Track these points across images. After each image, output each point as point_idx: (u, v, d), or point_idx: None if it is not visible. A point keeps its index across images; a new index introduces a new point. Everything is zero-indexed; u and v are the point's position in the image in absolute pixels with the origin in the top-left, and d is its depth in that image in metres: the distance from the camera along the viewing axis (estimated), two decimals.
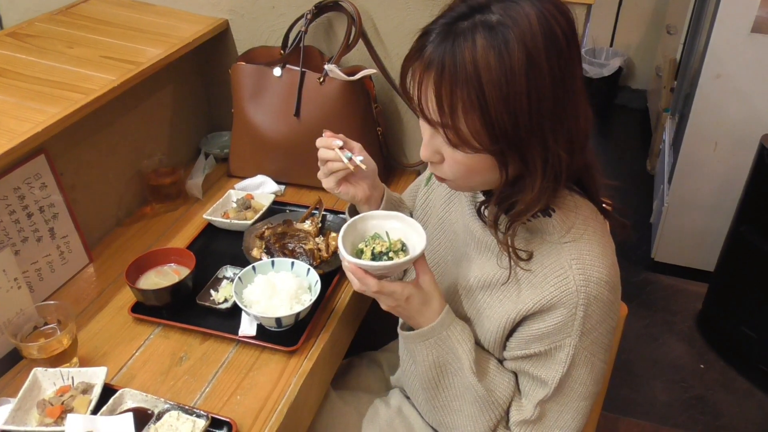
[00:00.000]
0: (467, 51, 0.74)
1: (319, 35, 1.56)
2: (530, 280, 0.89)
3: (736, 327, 2.19)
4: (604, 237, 0.90)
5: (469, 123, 0.77)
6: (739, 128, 2.27)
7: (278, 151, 1.52)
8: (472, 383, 0.93)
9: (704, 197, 2.44)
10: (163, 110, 1.57)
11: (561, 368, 0.88)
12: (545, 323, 0.87)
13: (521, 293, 0.90)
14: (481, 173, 0.84)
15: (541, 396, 0.91)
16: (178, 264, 1.23)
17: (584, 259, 0.86)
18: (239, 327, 1.13)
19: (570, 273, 0.85)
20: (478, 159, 0.81)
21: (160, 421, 0.95)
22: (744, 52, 2.14)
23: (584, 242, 0.87)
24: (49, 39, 1.42)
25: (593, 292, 0.85)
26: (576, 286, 0.84)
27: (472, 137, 0.78)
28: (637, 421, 2.01)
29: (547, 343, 0.88)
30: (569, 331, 0.86)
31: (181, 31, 1.52)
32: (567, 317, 0.85)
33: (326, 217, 1.40)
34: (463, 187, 0.91)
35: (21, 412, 0.96)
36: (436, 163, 0.87)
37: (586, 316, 0.85)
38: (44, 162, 1.20)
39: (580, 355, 0.88)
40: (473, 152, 0.80)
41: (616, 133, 3.86)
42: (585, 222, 0.89)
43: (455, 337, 0.93)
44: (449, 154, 0.84)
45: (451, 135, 0.79)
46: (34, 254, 1.20)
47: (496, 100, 0.74)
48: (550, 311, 0.87)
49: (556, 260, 0.87)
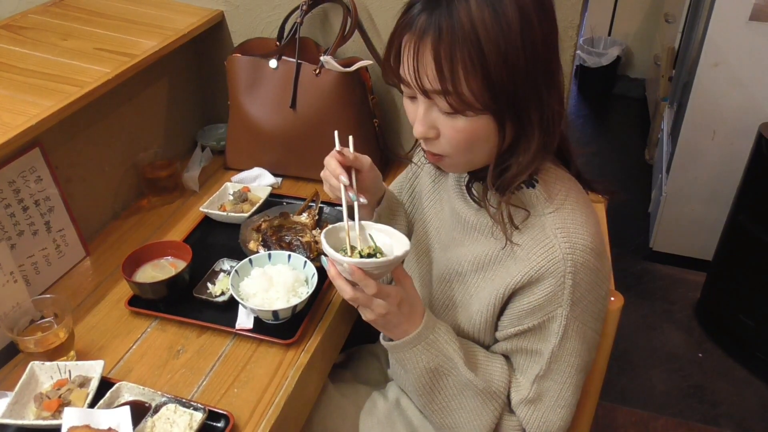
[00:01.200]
0: (462, 11, 0.75)
1: (314, 26, 1.55)
2: (516, 254, 0.89)
3: (735, 316, 2.20)
4: (586, 206, 0.91)
5: (470, 84, 0.77)
6: (737, 117, 2.26)
7: (275, 143, 1.51)
8: (470, 379, 0.92)
9: (702, 186, 2.44)
10: (159, 102, 1.56)
11: (554, 339, 0.89)
12: (535, 295, 0.88)
13: (509, 269, 0.90)
14: (481, 141, 0.83)
15: (536, 371, 0.92)
16: (174, 257, 1.23)
17: (568, 227, 0.86)
18: (236, 320, 1.13)
19: (555, 242, 0.86)
20: (479, 124, 0.81)
21: (158, 414, 0.95)
22: (742, 41, 2.13)
23: (567, 211, 0.88)
24: (43, 31, 1.41)
25: (580, 260, 0.85)
26: (562, 254, 0.85)
27: (474, 99, 0.78)
28: (635, 410, 2.02)
29: (538, 316, 0.88)
30: (560, 300, 0.86)
31: (176, 23, 1.51)
32: (556, 287, 0.86)
33: (323, 209, 1.40)
34: (459, 162, 0.89)
35: (18, 405, 0.96)
36: (432, 139, 0.86)
37: (575, 285, 0.86)
38: (39, 155, 1.20)
39: (572, 325, 0.88)
40: (475, 115, 0.80)
41: (614, 123, 3.85)
42: (567, 192, 0.90)
43: (442, 338, 0.93)
44: (448, 124, 0.83)
45: (453, 100, 0.79)
46: (31, 248, 1.19)
47: (495, 57, 0.76)
48: (538, 282, 0.87)
49: (540, 231, 0.87)
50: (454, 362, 0.92)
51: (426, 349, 0.92)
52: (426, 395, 0.96)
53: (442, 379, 0.94)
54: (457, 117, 0.81)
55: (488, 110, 0.80)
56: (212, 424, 0.96)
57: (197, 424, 0.93)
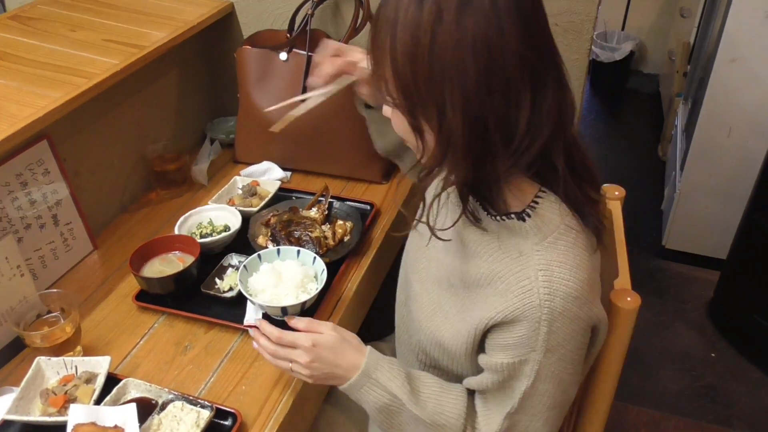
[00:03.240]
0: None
1: (325, 18, 1.53)
2: (496, 286, 0.84)
3: (748, 315, 2.17)
4: (584, 249, 0.84)
5: (387, 73, 0.76)
6: (754, 114, 2.22)
7: (284, 136, 1.49)
8: (417, 414, 0.90)
9: (717, 184, 2.40)
10: (168, 95, 1.55)
11: (527, 381, 0.84)
12: (510, 334, 0.83)
13: (488, 299, 0.85)
14: (406, 135, 0.83)
15: (508, 408, 0.88)
16: (182, 252, 1.22)
17: (552, 270, 0.80)
18: (244, 316, 1.12)
19: (534, 285, 0.80)
20: (398, 117, 0.81)
21: (164, 412, 0.94)
22: (760, 36, 2.10)
23: (557, 253, 0.81)
24: (52, 22, 1.40)
25: (558, 308, 0.79)
26: (539, 300, 0.79)
27: (387, 89, 0.78)
28: (647, 410, 2.00)
29: (511, 355, 0.84)
30: (533, 345, 0.82)
31: (186, 14, 1.49)
32: (530, 332, 0.81)
33: (333, 204, 1.38)
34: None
35: (24, 401, 0.95)
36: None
37: (551, 332, 0.80)
38: (47, 148, 1.18)
39: (546, 371, 0.83)
40: (392, 106, 0.80)
41: (627, 119, 3.81)
42: (566, 231, 0.82)
43: (385, 375, 0.91)
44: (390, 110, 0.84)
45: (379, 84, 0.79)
46: (38, 241, 1.18)
47: (402, 49, 0.73)
48: (513, 323, 0.82)
49: (522, 269, 0.82)
50: (400, 399, 0.90)
51: (372, 389, 0.91)
52: (386, 427, 0.95)
53: (394, 416, 0.92)
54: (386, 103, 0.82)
55: (396, 105, 0.78)
56: (219, 422, 0.94)
57: (204, 422, 0.92)
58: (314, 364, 0.91)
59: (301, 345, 0.92)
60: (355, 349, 0.93)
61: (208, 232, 1.28)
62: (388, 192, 1.48)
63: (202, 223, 1.31)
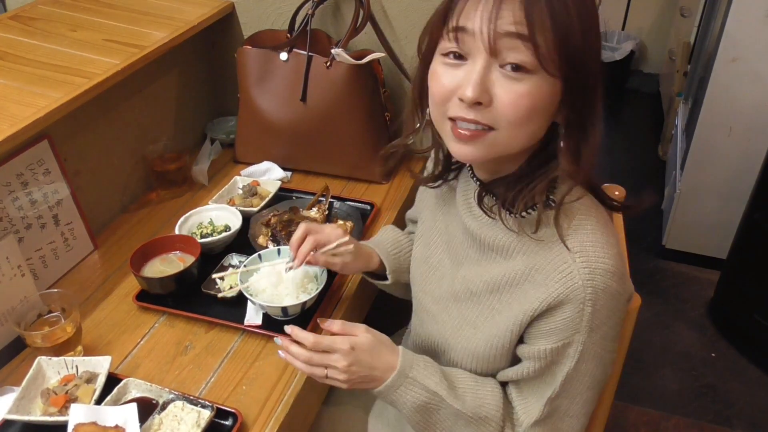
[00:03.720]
0: None
1: (326, 18, 1.53)
2: (535, 279, 0.85)
3: (748, 315, 2.16)
4: (606, 226, 0.86)
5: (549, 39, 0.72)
6: (754, 113, 2.22)
7: (285, 136, 1.50)
8: (458, 409, 0.90)
9: (717, 184, 2.40)
10: (168, 95, 1.55)
11: (569, 363, 0.85)
12: (554, 319, 0.84)
13: (527, 294, 0.86)
14: (540, 112, 0.77)
15: (549, 393, 0.89)
16: (183, 252, 1.22)
17: (587, 251, 0.82)
18: (245, 316, 1.12)
19: (573, 267, 0.81)
20: (543, 90, 0.75)
21: (165, 412, 0.94)
22: (761, 36, 2.09)
23: (586, 233, 0.83)
24: (52, 22, 1.40)
25: (600, 285, 0.81)
26: (582, 280, 0.80)
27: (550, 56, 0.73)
28: (647, 410, 2.00)
29: (555, 339, 0.85)
30: (577, 327, 0.83)
31: (186, 14, 1.49)
32: (575, 313, 0.82)
33: (333, 204, 1.38)
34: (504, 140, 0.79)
35: (25, 401, 0.95)
36: (484, 107, 0.77)
37: (595, 311, 0.82)
38: (47, 148, 1.19)
39: (589, 351, 0.85)
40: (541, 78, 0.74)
41: (627, 118, 3.80)
42: (587, 212, 0.85)
43: (422, 373, 0.90)
44: (508, 88, 0.75)
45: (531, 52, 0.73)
46: (38, 241, 1.18)
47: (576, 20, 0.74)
48: (557, 308, 0.83)
49: (558, 255, 0.83)
50: (440, 395, 0.90)
51: (409, 388, 0.90)
52: (422, 427, 0.94)
53: (432, 414, 0.92)
54: (521, 81, 0.74)
55: (561, 75, 0.75)
56: (220, 422, 0.94)
57: (205, 422, 0.92)
58: (352, 367, 0.89)
59: (339, 349, 0.88)
60: (389, 349, 0.92)
61: (208, 232, 1.28)
62: (388, 192, 1.49)
63: (202, 223, 1.31)
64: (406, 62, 1.52)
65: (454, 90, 0.78)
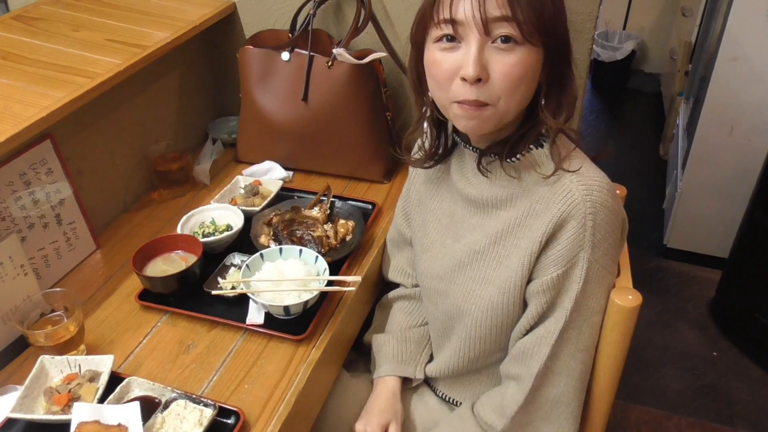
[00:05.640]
0: None
1: (327, 18, 1.53)
2: (536, 210, 0.92)
3: (750, 314, 2.17)
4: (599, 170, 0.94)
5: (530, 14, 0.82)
6: (755, 112, 2.22)
7: (286, 136, 1.50)
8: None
9: (719, 183, 2.40)
10: (170, 95, 1.55)
11: (576, 286, 0.90)
12: (559, 243, 0.90)
13: (531, 226, 0.92)
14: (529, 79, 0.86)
15: (560, 325, 0.92)
16: (185, 251, 1.22)
17: (582, 172, 0.90)
18: (247, 315, 1.12)
19: (572, 186, 0.89)
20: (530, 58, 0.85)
21: (167, 410, 0.94)
22: (762, 35, 2.10)
23: (578, 162, 0.91)
24: (55, 22, 1.41)
25: (598, 200, 0.88)
26: (581, 196, 0.87)
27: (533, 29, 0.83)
28: (649, 409, 2.00)
29: (562, 263, 0.90)
30: (581, 243, 0.88)
31: (188, 14, 1.49)
32: (578, 229, 0.88)
33: (335, 203, 1.38)
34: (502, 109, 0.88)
35: (28, 399, 0.95)
36: (482, 83, 0.85)
37: (596, 225, 0.88)
38: (50, 147, 1.19)
39: (593, 268, 0.90)
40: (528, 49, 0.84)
41: (628, 118, 3.81)
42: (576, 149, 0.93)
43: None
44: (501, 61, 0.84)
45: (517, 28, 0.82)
46: (41, 240, 1.19)
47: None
48: (561, 229, 0.89)
49: (556, 182, 0.90)
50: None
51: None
52: None
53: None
54: (511, 52, 0.84)
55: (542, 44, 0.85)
56: (222, 420, 0.95)
57: (207, 420, 0.92)
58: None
59: None
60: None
61: (210, 232, 1.28)
62: (390, 191, 1.49)
63: (204, 222, 1.32)
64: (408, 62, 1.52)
65: (455, 71, 0.86)
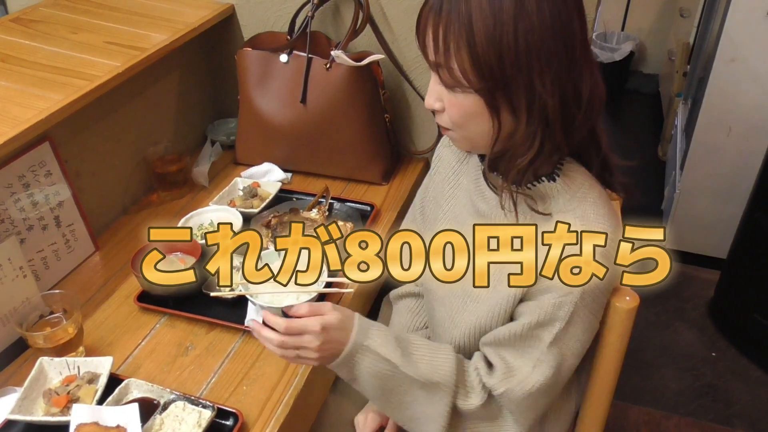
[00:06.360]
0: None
1: (326, 20, 1.53)
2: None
3: (749, 315, 2.17)
4: (607, 201, 0.92)
5: (461, 60, 0.80)
6: (753, 113, 2.23)
7: (285, 138, 1.50)
8: (410, 375, 0.92)
9: (717, 184, 2.40)
10: (169, 97, 1.55)
11: (559, 325, 0.88)
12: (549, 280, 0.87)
13: None
14: (473, 119, 0.85)
15: (537, 354, 0.91)
16: (184, 253, 1.22)
17: (589, 216, 0.87)
18: (245, 317, 1.12)
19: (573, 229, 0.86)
20: (469, 101, 0.83)
21: (166, 412, 0.94)
22: (760, 36, 2.10)
23: (589, 204, 0.89)
24: (53, 24, 1.41)
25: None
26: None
27: (462, 76, 0.81)
28: (648, 410, 2.00)
29: (548, 298, 0.88)
30: (570, 288, 0.86)
31: (187, 17, 1.50)
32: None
33: (333, 205, 1.39)
34: (463, 138, 0.90)
35: (27, 401, 0.96)
36: (439, 112, 0.89)
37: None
38: (49, 149, 1.19)
39: (580, 312, 0.88)
40: (463, 92, 0.83)
41: (627, 119, 3.81)
42: (590, 187, 0.91)
43: (376, 341, 0.92)
44: (448, 98, 0.86)
45: (445, 74, 0.83)
46: (40, 243, 1.19)
47: (484, 37, 0.78)
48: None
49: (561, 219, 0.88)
50: (393, 363, 0.92)
51: (364, 357, 0.92)
52: (380, 398, 0.96)
53: (388, 381, 0.93)
54: (455, 91, 0.84)
55: (475, 89, 0.82)
56: (221, 422, 0.95)
57: (206, 422, 0.92)
58: (324, 346, 0.90)
59: (311, 330, 0.90)
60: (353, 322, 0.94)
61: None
62: (388, 193, 1.49)
63: (203, 224, 1.32)
64: (406, 64, 1.52)
65: None
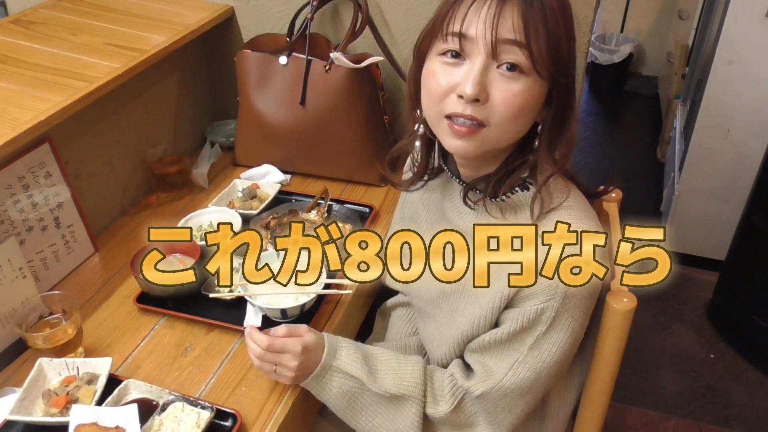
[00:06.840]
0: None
1: (325, 22, 1.54)
2: None
3: (747, 316, 2.17)
4: (584, 204, 0.92)
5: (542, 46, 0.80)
6: (752, 115, 2.23)
7: (284, 139, 1.50)
8: (377, 392, 0.94)
9: (715, 185, 2.41)
10: (168, 98, 1.56)
11: (541, 328, 0.88)
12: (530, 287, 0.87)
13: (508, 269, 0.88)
14: (529, 110, 0.84)
15: (516, 356, 0.91)
16: (183, 254, 1.22)
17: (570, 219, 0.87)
18: (244, 318, 1.12)
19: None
20: (534, 90, 0.82)
21: (165, 413, 0.94)
22: (758, 38, 2.11)
23: (564, 209, 0.89)
24: (53, 26, 1.41)
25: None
26: None
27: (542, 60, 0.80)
28: (646, 411, 2.00)
29: (530, 304, 0.88)
30: (552, 293, 0.86)
31: (186, 18, 1.50)
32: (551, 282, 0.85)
33: (332, 206, 1.39)
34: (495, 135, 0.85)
35: (26, 402, 0.96)
36: (480, 103, 0.82)
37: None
38: (48, 151, 1.19)
39: (561, 317, 0.88)
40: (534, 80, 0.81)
41: (626, 121, 3.82)
42: (563, 191, 0.90)
43: (344, 360, 0.95)
44: (504, 87, 0.81)
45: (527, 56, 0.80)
46: (39, 244, 1.19)
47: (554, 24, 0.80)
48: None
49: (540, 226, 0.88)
50: (360, 380, 0.94)
51: (332, 376, 0.95)
52: (352, 419, 0.98)
53: (357, 399, 0.96)
54: (515, 80, 0.81)
55: (550, 77, 0.82)
56: (220, 422, 0.95)
57: (205, 422, 0.93)
58: (302, 365, 0.94)
59: (291, 350, 0.94)
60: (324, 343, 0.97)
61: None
62: (387, 194, 1.49)
63: (202, 225, 1.32)
64: (405, 66, 1.52)
65: (453, 87, 0.83)
